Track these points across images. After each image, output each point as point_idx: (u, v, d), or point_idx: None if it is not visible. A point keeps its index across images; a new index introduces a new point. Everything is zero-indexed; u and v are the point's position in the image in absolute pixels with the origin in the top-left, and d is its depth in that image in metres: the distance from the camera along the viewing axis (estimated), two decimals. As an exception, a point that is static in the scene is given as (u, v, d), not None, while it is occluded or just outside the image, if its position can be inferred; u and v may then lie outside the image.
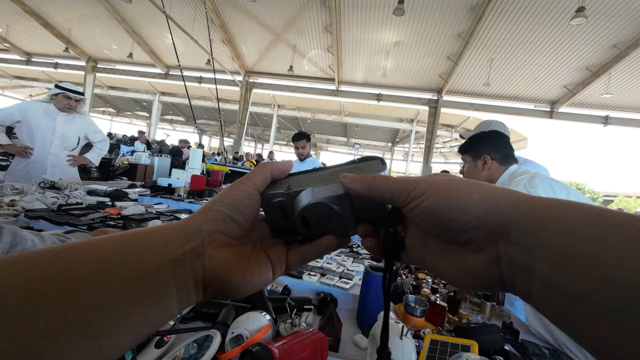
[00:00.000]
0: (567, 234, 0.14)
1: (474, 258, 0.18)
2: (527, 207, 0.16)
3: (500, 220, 0.17)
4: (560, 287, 0.14)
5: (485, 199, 0.18)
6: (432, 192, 0.19)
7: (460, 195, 0.18)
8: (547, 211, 0.16)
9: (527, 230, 0.16)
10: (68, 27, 9.91)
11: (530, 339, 0.85)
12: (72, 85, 2.19)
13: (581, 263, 0.13)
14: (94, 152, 2.41)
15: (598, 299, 0.13)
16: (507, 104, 9.13)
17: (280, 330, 0.66)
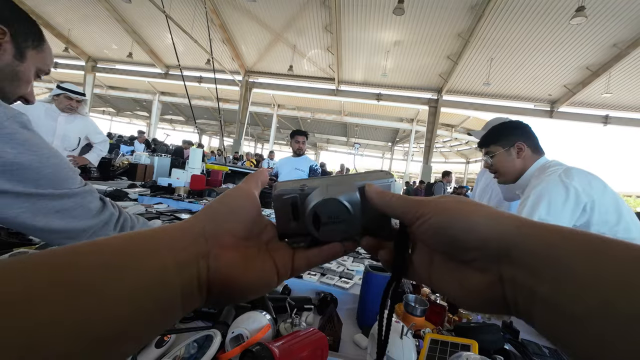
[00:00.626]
0: (569, 255, 0.15)
1: (477, 277, 0.19)
2: (530, 230, 0.17)
3: (504, 241, 0.18)
4: (559, 306, 0.14)
5: (490, 220, 0.19)
6: (438, 211, 0.20)
7: (465, 215, 0.19)
8: (550, 234, 0.16)
9: (529, 251, 0.16)
10: (68, 27, 9.90)
11: (531, 338, 0.85)
12: (73, 85, 2.20)
13: (579, 283, 0.14)
14: (94, 153, 2.41)
15: (594, 321, 0.13)
16: (507, 104, 9.13)
17: (281, 330, 0.66)
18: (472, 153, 16.95)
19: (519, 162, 1.17)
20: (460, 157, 18.71)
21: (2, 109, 0.49)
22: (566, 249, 0.15)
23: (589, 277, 0.14)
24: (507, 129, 1.20)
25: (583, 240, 0.15)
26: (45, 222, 0.51)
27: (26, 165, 0.49)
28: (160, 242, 0.19)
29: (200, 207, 1.92)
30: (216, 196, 2.28)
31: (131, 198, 1.90)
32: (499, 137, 1.21)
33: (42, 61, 0.65)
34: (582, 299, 0.14)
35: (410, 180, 13.08)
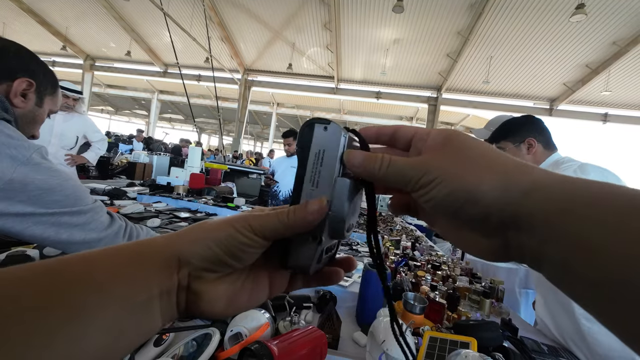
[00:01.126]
0: (585, 224, 0.14)
1: (482, 241, 0.19)
2: (543, 194, 0.16)
3: (511, 211, 0.17)
4: (573, 272, 0.14)
5: (497, 188, 0.17)
6: (440, 181, 0.18)
7: (471, 185, 0.18)
8: (564, 197, 0.15)
9: (538, 221, 0.15)
10: (65, 24, 9.84)
11: (529, 335, 0.85)
12: (70, 83, 2.18)
13: (596, 254, 0.13)
14: (92, 152, 2.40)
15: (614, 287, 0.12)
16: (507, 102, 9.12)
17: (280, 328, 0.66)
18: (472, 151, 16.97)
19: (530, 159, 1.13)
20: None
21: (28, 144, 0.58)
22: (582, 215, 0.14)
23: (607, 250, 0.13)
24: (517, 124, 1.18)
25: (602, 200, 0.14)
26: (68, 235, 0.61)
27: (53, 187, 0.59)
28: (149, 267, 0.19)
29: (200, 206, 1.92)
30: (215, 195, 2.25)
31: (130, 197, 1.89)
32: (508, 132, 1.18)
33: (54, 104, 0.77)
34: (600, 270, 0.13)
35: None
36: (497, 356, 0.64)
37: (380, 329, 0.58)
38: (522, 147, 1.14)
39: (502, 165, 0.18)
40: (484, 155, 0.18)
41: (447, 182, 0.18)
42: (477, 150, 0.19)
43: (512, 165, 0.18)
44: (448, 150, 0.19)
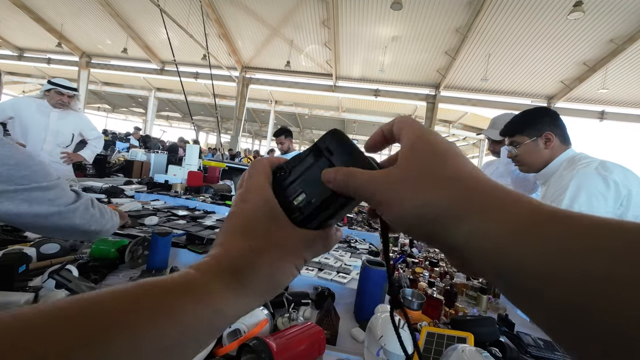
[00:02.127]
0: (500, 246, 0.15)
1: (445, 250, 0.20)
2: (474, 229, 0.16)
3: (452, 241, 0.17)
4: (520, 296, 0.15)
5: (438, 213, 0.17)
6: (384, 209, 0.19)
7: (400, 208, 0.18)
8: (491, 226, 0.16)
9: (473, 255, 0.16)
10: (60, 21, 9.72)
11: (526, 330, 0.86)
12: (64, 80, 2.16)
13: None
14: (89, 150, 2.38)
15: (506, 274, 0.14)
16: (505, 99, 9.14)
17: (278, 325, 0.67)
18: (469, 149, 17.01)
19: (546, 153, 1.10)
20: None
21: None
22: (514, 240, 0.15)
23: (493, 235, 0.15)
24: (535, 117, 1.12)
25: (504, 203, 0.16)
26: (41, 209, 0.65)
27: (20, 162, 0.61)
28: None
29: (198, 203, 1.91)
30: (213, 193, 2.23)
31: (128, 195, 1.88)
32: (525, 126, 1.12)
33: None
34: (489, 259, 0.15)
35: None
36: (493, 351, 0.65)
37: (378, 325, 0.59)
38: (539, 142, 1.10)
39: (458, 191, 0.17)
40: (440, 173, 0.18)
41: (389, 211, 0.19)
42: (431, 168, 0.18)
43: (468, 194, 0.17)
44: (403, 167, 0.19)
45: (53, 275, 0.67)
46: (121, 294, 0.17)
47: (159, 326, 0.16)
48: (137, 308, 0.16)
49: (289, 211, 0.23)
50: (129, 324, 0.16)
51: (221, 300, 0.19)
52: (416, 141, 0.20)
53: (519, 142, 1.14)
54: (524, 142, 1.12)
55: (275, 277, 0.22)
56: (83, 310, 0.15)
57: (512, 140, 1.17)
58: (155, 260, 0.94)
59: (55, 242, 0.93)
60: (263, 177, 0.24)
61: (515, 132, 1.16)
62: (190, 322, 0.18)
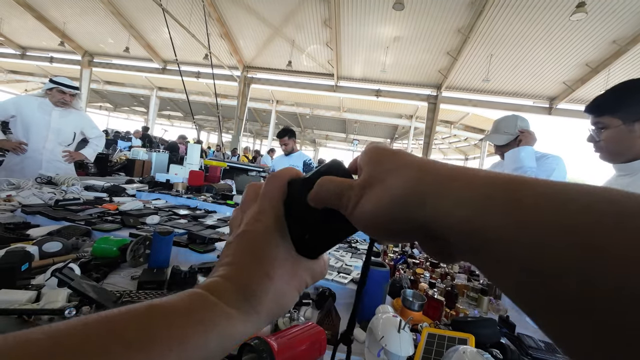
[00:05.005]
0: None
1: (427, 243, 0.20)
2: (436, 202, 0.17)
3: (418, 220, 0.17)
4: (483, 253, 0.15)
5: (395, 204, 0.18)
6: (349, 213, 0.20)
7: (371, 212, 0.19)
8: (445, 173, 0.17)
9: (439, 222, 0.17)
10: (63, 20, 9.75)
11: (527, 332, 0.86)
12: (66, 79, 2.16)
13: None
14: (90, 148, 2.39)
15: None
16: (506, 100, 9.12)
17: (279, 324, 0.67)
18: (471, 150, 16.98)
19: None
20: (459, 153, 18.73)
21: None
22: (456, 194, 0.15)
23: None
24: (635, 95, 0.85)
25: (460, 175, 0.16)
26: None
27: None
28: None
29: (199, 203, 1.91)
30: (214, 192, 2.24)
31: (129, 194, 1.89)
32: (621, 105, 0.87)
33: None
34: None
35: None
36: (494, 352, 0.65)
37: (379, 326, 0.59)
38: (635, 128, 0.84)
39: (405, 183, 0.18)
40: (388, 177, 0.19)
41: (354, 215, 0.20)
42: (377, 174, 0.19)
43: (414, 182, 0.18)
44: (363, 178, 0.20)
45: (55, 273, 0.67)
46: (134, 321, 0.17)
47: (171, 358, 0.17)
48: (150, 339, 0.16)
49: (297, 240, 0.23)
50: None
51: (234, 324, 0.20)
52: (369, 149, 0.22)
53: (607, 125, 0.89)
54: (615, 125, 0.87)
55: (282, 301, 0.22)
56: (91, 338, 0.15)
57: (597, 120, 0.92)
58: (157, 259, 0.94)
59: (58, 240, 0.93)
60: (278, 197, 0.23)
61: (605, 112, 0.90)
62: (201, 350, 0.18)
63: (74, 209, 1.34)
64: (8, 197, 1.32)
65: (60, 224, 1.15)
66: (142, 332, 0.16)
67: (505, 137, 1.48)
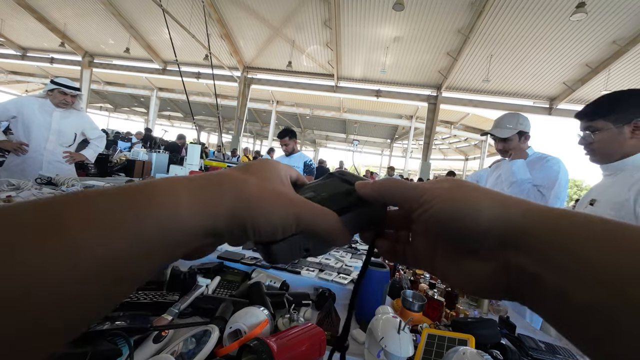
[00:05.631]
0: (578, 242, 0.14)
1: (481, 265, 0.19)
2: (537, 215, 0.17)
3: (511, 228, 0.17)
4: (566, 294, 0.14)
5: (495, 207, 0.18)
6: (442, 198, 0.19)
7: (470, 202, 0.18)
8: (559, 220, 0.16)
9: (536, 238, 0.16)
10: (63, 21, 9.77)
11: (527, 333, 0.85)
12: (67, 80, 2.16)
13: (589, 272, 0.13)
14: (90, 149, 2.39)
15: (613, 313, 0.12)
16: (506, 100, 9.12)
17: (279, 325, 0.67)
18: (471, 150, 16.97)
19: (631, 144, 0.93)
20: (459, 154, 18.73)
21: None
22: (575, 235, 0.15)
23: (599, 266, 0.13)
24: (625, 102, 0.94)
25: (592, 225, 0.15)
26: None
27: None
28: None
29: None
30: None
31: (129, 194, 1.88)
32: (612, 109, 0.95)
33: None
34: (592, 288, 0.13)
35: (408, 177, 13.10)
36: (494, 353, 0.64)
37: (378, 326, 0.59)
38: (624, 130, 0.93)
39: (498, 195, 0.19)
40: (480, 188, 0.20)
41: (448, 200, 0.19)
42: (474, 185, 0.20)
43: (508, 196, 0.19)
44: (447, 183, 0.21)
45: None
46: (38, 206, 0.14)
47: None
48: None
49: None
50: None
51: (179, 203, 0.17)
52: (447, 178, 0.22)
53: (599, 128, 0.97)
54: (606, 128, 0.96)
55: (260, 203, 0.19)
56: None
57: (589, 125, 1.00)
58: (156, 260, 0.94)
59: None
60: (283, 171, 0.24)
61: (597, 116, 0.98)
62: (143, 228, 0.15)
63: (74, 209, 1.33)
64: (8, 197, 1.32)
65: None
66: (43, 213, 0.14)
67: (507, 130, 1.53)
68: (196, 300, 0.72)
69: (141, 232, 0.15)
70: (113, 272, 0.14)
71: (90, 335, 0.50)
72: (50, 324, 0.12)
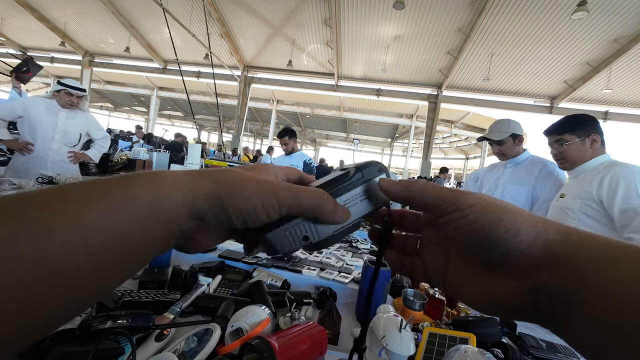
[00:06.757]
0: (621, 275, 0.14)
1: (505, 284, 0.18)
2: (579, 240, 0.16)
3: (549, 248, 0.16)
4: (602, 322, 0.14)
5: (535, 225, 0.17)
6: (481, 207, 0.18)
7: (510, 217, 0.18)
8: (602, 248, 0.16)
9: (578, 263, 0.16)
10: (63, 20, 9.76)
11: (528, 332, 0.85)
12: (74, 81, 2.18)
13: (630, 305, 0.13)
14: (95, 149, 2.40)
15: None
16: (507, 99, 9.10)
17: (280, 324, 0.67)
18: (472, 149, 16.95)
19: (590, 153, 1.26)
20: (459, 153, 18.71)
21: None
22: (618, 269, 0.14)
23: (628, 291, 0.13)
24: (585, 121, 1.28)
25: (635, 256, 0.15)
26: None
27: None
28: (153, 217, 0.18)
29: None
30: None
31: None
32: (576, 126, 1.27)
33: None
34: (621, 308, 0.13)
35: (409, 177, 13.08)
36: (495, 352, 0.65)
37: (380, 325, 0.59)
38: (586, 141, 1.26)
39: (537, 216, 0.18)
40: (514, 205, 0.19)
41: (487, 210, 0.18)
42: (505, 202, 0.19)
43: (547, 219, 0.18)
44: (479, 195, 0.20)
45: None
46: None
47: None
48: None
49: None
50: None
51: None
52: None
53: (568, 140, 1.28)
54: (573, 140, 1.27)
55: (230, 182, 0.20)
56: None
57: (559, 138, 1.31)
58: (158, 259, 0.94)
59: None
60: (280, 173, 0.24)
61: (566, 131, 1.29)
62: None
63: (75, 208, 1.34)
64: (9, 197, 1.32)
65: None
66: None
67: (500, 134, 1.66)
68: (198, 299, 0.73)
69: (135, 209, 0.17)
70: (118, 244, 0.16)
71: (92, 333, 0.51)
72: (87, 289, 0.15)
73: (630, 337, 0.13)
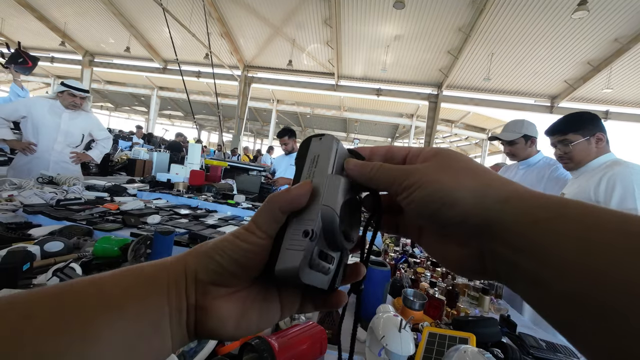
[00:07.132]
0: (554, 234, 0.14)
1: (457, 250, 0.19)
2: (517, 204, 0.16)
3: (486, 217, 0.17)
4: (541, 283, 0.14)
5: (475, 194, 0.17)
6: (422, 183, 0.19)
7: (450, 189, 0.18)
8: (538, 210, 0.15)
9: (511, 229, 0.16)
10: (64, 20, 9.76)
11: (528, 331, 0.86)
12: (77, 82, 2.19)
13: (564, 265, 0.13)
14: (97, 150, 2.41)
15: (588, 299, 0.12)
16: (508, 99, 9.09)
17: (280, 324, 0.67)
18: (472, 149, 16.93)
19: (595, 152, 1.24)
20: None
21: None
22: (552, 228, 0.14)
23: (574, 260, 0.13)
24: (588, 119, 1.25)
25: (573, 215, 0.14)
26: None
27: None
28: (159, 288, 0.19)
29: (200, 202, 1.92)
30: (215, 191, 2.24)
31: (130, 193, 1.89)
32: (580, 126, 1.24)
33: None
34: (567, 280, 0.13)
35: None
36: (495, 352, 0.65)
37: (379, 325, 0.59)
38: (591, 140, 1.23)
39: (484, 176, 0.18)
40: (469, 167, 0.19)
41: (427, 185, 0.19)
42: (462, 163, 0.19)
43: (495, 177, 0.18)
44: (435, 160, 0.20)
45: (57, 273, 0.68)
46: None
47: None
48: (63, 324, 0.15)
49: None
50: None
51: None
52: (442, 150, 0.21)
53: (573, 140, 1.24)
54: (578, 140, 1.23)
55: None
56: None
57: (564, 137, 1.27)
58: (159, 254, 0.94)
59: (59, 240, 0.93)
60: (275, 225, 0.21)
61: (570, 130, 1.25)
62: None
63: (76, 208, 1.34)
64: (10, 196, 1.32)
65: (61, 224, 1.15)
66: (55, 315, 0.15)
67: (512, 134, 1.64)
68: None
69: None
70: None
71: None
72: None
73: (557, 295, 0.13)
